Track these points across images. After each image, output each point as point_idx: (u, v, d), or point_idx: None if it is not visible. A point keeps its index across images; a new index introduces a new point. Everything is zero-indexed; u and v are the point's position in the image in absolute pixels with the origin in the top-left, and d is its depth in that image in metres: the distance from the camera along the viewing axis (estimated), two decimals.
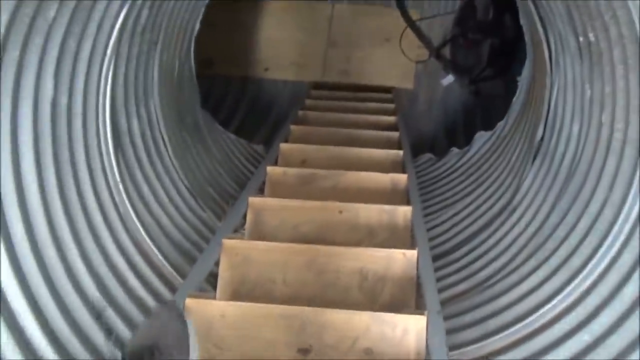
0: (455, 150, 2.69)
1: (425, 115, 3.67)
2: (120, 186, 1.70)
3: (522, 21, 2.00)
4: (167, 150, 2.05)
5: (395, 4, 3.74)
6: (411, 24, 3.72)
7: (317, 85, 3.78)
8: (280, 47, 3.88)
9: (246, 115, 3.72)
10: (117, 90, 1.71)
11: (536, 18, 1.75)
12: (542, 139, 1.88)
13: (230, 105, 3.78)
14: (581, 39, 1.47)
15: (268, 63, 3.88)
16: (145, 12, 1.72)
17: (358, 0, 3.93)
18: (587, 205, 1.48)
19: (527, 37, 1.95)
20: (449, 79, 3.73)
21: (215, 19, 3.83)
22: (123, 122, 1.76)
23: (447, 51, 3.81)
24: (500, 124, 2.35)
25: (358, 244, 1.91)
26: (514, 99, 2.21)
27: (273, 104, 3.84)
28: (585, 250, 1.43)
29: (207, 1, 2.50)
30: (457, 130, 3.50)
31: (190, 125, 2.42)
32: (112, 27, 1.58)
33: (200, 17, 2.36)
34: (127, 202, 1.70)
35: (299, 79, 3.85)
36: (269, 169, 2.19)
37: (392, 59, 3.78)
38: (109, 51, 1.60)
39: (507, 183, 2.08)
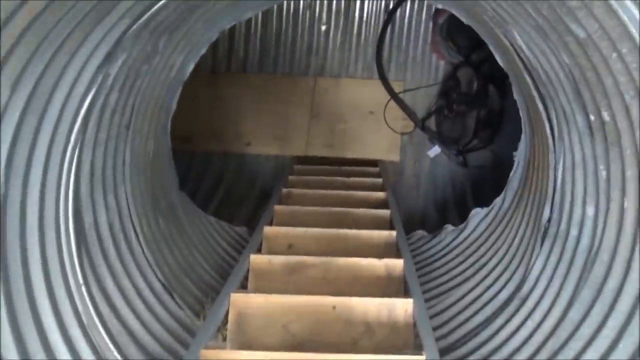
0: (449, 227, 2.53)
1: (413, 188, 3.54)
2: (83, 289, 1.48)
3: (515, 96, 1.90)
4: (138, 242, 1.85)
5: (378, 76, 3.71)
6: (395, 96, 3.67)
7: (301, 160, 3.66)
8: (262, 120, 3.78)
9: (227, 193, 3.54)
10: (82, 181, 1.52)
11: (535, 94, 1.65)
12: (549, 220, 1.73)
13: (210, 184, 3.61)
14: (592, 117, 1.35)
15: (250, 137, 3.76)
16: (114, 95, 1.57)
17: (340, 72, 3.88)
18: (615, 301, 1.31)
19: (522, 113, 1.85)
20: (436, 150, 3.64)
21: (194, 93, 3.75)
22: (88, 215, 1.56)
23: (432, 122, 3.75)
24: (498, 200, 2.21)
25: (355, 343, 1.70)
26: (512, 174, 2.08)
27: (255, 181, 3.68)
28: (619, 355, 1.24)
29: (185, 79, 2.38)
30: (448, 204, 3.37)
31: (165, 210, 2.23)
32: (77, 112, 1.42)
33: (178, 96, 2.22)
34: (91, 308, 1.47)
35: (282, 153, 3.73)
36: (253, 257, 1.99)
37: (377, 132, 3.70)
38: (72, 138, 1.43)
39: (512, 267, 1.91)
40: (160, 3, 1.51)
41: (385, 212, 2.47)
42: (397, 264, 1.98)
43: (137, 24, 1.50)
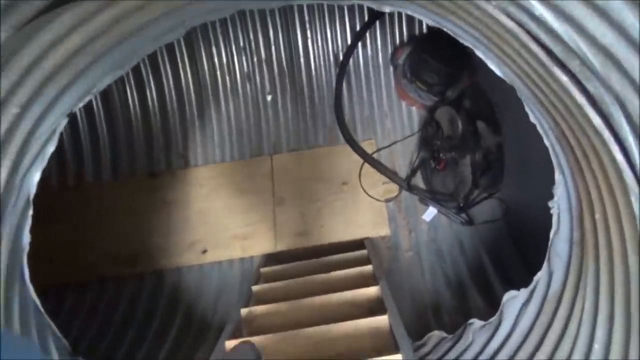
0: (476, 323, 1.78)
1: (415, 265, 2.80)
2: None
3: (534, 120, 1.25)
4: None
5: (344, 140, 3.08)
6: (368, 158, 3.03)
7: (272, 258, 2.95)
8: (216, 220, 3.10)
9: (185, 319, 2.80)
10: None
11: (584, 104, 1.00)
12: None
13: (165, 311, 2.87)
14: None
15: (205, 244, 3.06)
16: None
17: (299, 145, 3.26)
18: None
19: (551, 142, 1.19)
20: (431, 212, 2.95)
21: (132, 205, 3.11)
22: None
23: (419, 179, 3.09)
24: (541, 276, 1.47)
25: None
26: (552, 234, 1.38)
27: (221, 294, 2.94)
28: None
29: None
30: (463, 278, 2.63)
31: None
32: None
33: (28, 224, 1.51)
34: None
35: (247, 255, 3.01)
36: None
37: (356, 205, 3.02)
38: None
39: None
40: None
41: (381, 321, 1.74)
42: None
43: None
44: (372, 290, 2.01)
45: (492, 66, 1.17)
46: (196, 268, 3.05)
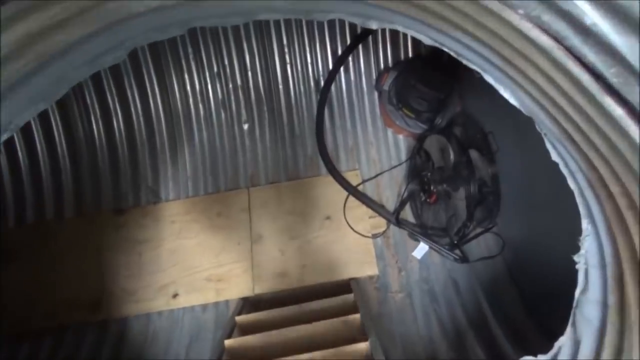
0: None
1: (406, 310, 2.56)
2: None
3: (556, 158, 1.02)
4: None
5: (327, 171, 2.86)
6: (353, 190, 2.80)
7: (249, 303, 2.68)
8: (189, 261, 2.83)
9: None
10: None
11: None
12: None
13: None
14: None
15: (176, 287, 2.78)
16: None
17: (278, 176, 3.02)
18: None
19: (583, 201, 0.97)
20: (422, 248, 2.72)
21: (96, 243, 2.84)
22: None
23: (408, 212, 2.87)
24: (563, 343, 1.23)
25: None
26: (578, 293, 1.13)
27: (192, 345, 2.65)
28: None
29: None
30: (460, 325, 2.39)
31: None
32: None
33: None
34: None
35: (221, 299, 2.74)
36: None
37: (341, 241, 2.78)
38: None
39: None
40: None
41: None
42: None
43: None
44: (361, 348, 1.76)
45: (506, 94, 0.96)
46: (166, 314, 2.77)
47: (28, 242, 2.94)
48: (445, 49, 0.96)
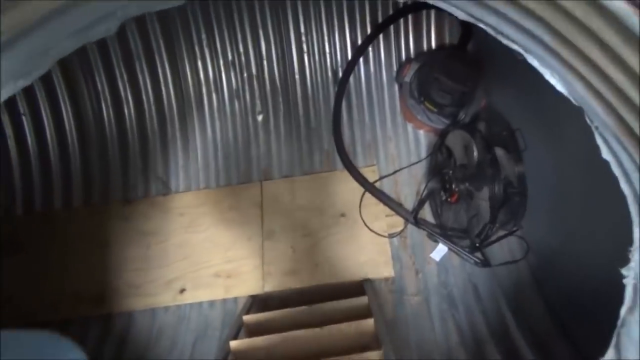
0: None
1: (423, 315, 2.42)
2: None
3: (606, 155, 0.89)
4: None
5: (343, 165, 2.73)
6: (369, 187, 2.67)
7: (257, 301, 2.58)
8: (197, 256, 2.73)
9: None
10: None
11: None
12: None
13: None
14: None
15: (183, 282, 2.69)
16: None
17: (293, 170, 2.90)
18: None
19: (637, 207, 0.83)
20: (441, 250, 2.58)
21: (102, 235, 2.76)
22: None
23: (427, 211, 2.73)
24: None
25: None
26: (625, 312, 0.99)
27: (196, 343, 2.56)
28: None
29: None
30: (479, 334, 2.25)
31: None
32: None
33: None
34: None
35: (230, 296, 2.64)
36: None
37: (356, 240, 2.66)
38: None
39: None
40: None
41: None
42: None
43: None
44: (373, 357, 1.63)
45: (552, 79, 0.83)
46: (172, 309, 2.68)
47: (36, 232, 2.87)
48: (482, 25, 0.83)
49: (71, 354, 1.70)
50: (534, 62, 0.82)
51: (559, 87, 0.83)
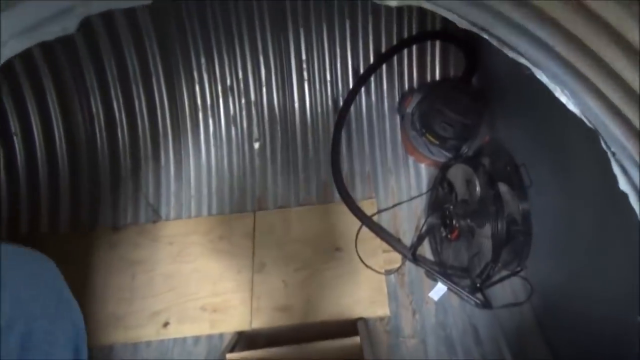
0: None
1: (419, 358, 2.27)
2: None
3: (624, 186, 0.80)
4: None
5: (340, 198, 2.62)
6: (367, 220, 2.56)
7: (245, 338, 2.43)
8: (184, 287, 2.60)
9: None
10: None
11: None
12: None
13: None
14: None
15: (168, 315, 2.55)
16: None
17: (288, 201, 2.80)
18: None
19: None
20: (440, 289, 2.45)
21: (87, 261, 2.64)
22: None
23: (426, 248, 2.61)
24: None
25: None
26: None
27: None
28: None
29: None
30: None
31: None
32: None
33: None
34: None
35: (215, 332, 2.50)
36: None
37: (351, 276, 2.53)
38: None
39: None
40: None
41: None
42: None
43: None
44: None
45: (563, 97, 0.73)
46: (155, 344, 2.53)
47: None
48: (486, 36, 0.73)
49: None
50: (543, 78, 0.72)
51: (571, 106, 0.73)
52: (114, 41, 2.73)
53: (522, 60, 0.73)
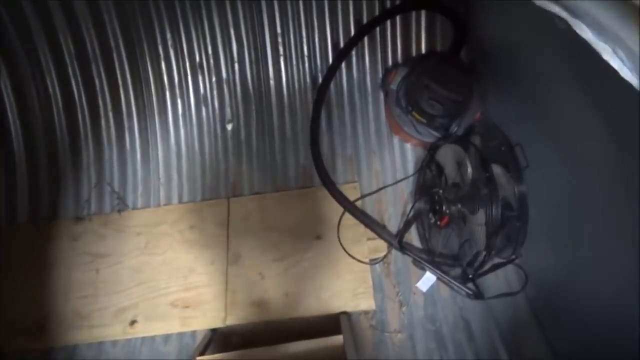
0: None
1: (406, 356, 2.10)
2: None
3: None
4: None
5: (321, 182, 2.42)
6: (349, 206, 2.37)
7: (218, 336, 2.25)
8: (153, 281, 2.40)
9: None
10: None
11: None
12: None
13: None
14: None
15: (135, 312, 2.35)
16: None
17: (264, 186, 2.59)
18: None
19: None
20: (428, 279, 2.28)
21: (44, 257, 2.43)
22: None
23: (414, 235, 2.43)
24: None
25: None
26: None
27: None
28: None
29: None
30: None
31: None
32: None
33: None
34: None
35: (187, 329, 2.31)
36: None
37: (333, 266, 2.34)
38: None
39: None
40: None
41: None
42: None
43: None
44: None
45: (614, 61, 0.53)
46: (122, 343, 2.34)
47: None
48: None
49: None
50: (587, 35, 0.53)
51: (625, 72, 0.53)
52: (68, 14, 2.48)
53: (556, 10, 0.53)
